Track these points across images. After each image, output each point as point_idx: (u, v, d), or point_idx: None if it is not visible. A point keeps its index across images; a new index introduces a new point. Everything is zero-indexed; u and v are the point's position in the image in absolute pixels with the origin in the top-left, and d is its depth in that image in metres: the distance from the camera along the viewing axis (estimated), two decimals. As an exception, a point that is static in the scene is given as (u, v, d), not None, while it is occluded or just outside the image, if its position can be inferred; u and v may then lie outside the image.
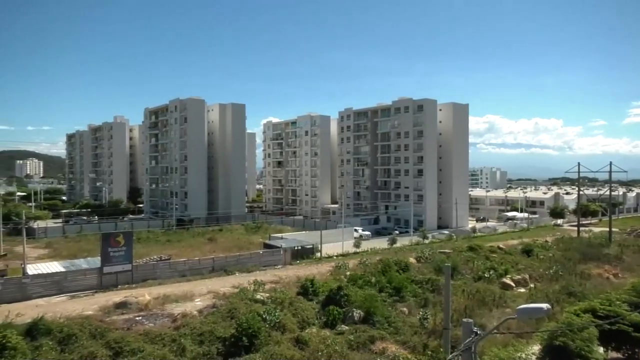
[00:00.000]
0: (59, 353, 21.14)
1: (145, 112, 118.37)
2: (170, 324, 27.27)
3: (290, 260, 51.43)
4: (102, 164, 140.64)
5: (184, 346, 23.01)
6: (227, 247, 61.17)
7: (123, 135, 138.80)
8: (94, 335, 23.44)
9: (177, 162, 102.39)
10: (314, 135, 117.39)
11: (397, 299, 35.09)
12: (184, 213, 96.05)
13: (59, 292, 37.50)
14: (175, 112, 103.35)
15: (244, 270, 45.83)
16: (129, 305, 31.46)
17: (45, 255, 56.27)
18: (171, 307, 31.64)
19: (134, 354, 21.40)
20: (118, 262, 40.52)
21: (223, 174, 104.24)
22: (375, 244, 63.67)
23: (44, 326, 23.19)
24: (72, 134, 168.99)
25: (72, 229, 79.86)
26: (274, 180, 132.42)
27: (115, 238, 41.52)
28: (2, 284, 35.89)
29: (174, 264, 45.20)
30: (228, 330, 25.22)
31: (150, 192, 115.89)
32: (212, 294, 35.39)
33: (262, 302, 31.00)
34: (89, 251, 53.87)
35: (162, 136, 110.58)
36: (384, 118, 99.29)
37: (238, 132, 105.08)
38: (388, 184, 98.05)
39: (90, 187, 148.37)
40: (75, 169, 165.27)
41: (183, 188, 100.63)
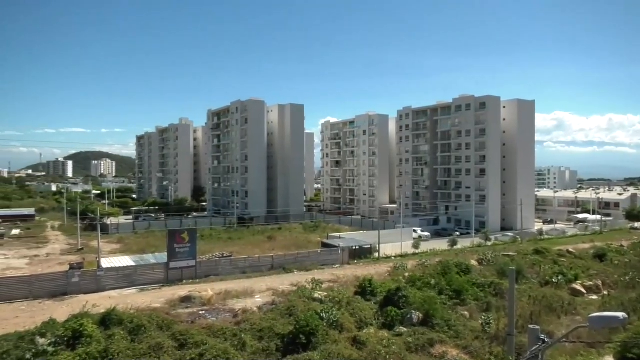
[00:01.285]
0: (129, 342, 22.33)
1: (208, 114, 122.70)
2: (232, 319, 28.08)
3: (348, 260, 51.42)
4: (169, 164, 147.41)
5: (245, 341, 23.59)
6: (286, 245, 62.15)
7: (188, 136, 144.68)
8: (161, 327, 24.57)
9: (238, 162, 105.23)
10: (372, 135, 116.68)
11: (457, 302, 34.14)
12: (244, 211, 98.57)
13: (129, 285, 39.69)
14: (236, 114, 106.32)
15: (303, 268, 46.34)
16: (193, 300, 32.74)
17: (117, 250, 59.79)
18: (232, 302, 32.59)
19: (197, 346, 22.21)
20: (183, 258, 42.31)
21: (282, 173, 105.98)
22: (435, 245, 62.32)
23: (116, 317, 24.60)
24: (141, 135, 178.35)
25: (141, 225, 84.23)
26: (332, 179, 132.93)
27: (181, 235, 43.37)
28: (80, 276, 38.57)
29: (235, 261, 46.55)
30: (287, 328, 25.60)
31: (212, 191, 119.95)
32: (271, 291, 36.08)
33: (320, 300, 31.20)
34: (157, 247, 56.57)
35: (224, 137, 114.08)
36: (444, 116, 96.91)
37: (297, 132, 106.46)
38: (448, 183, 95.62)
39: (158, 186, 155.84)
40: (144, 168, 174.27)
41: (244, 187, 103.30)
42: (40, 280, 37.58)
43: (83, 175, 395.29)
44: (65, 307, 32.01)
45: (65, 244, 65.40)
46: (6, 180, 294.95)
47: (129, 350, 21.18)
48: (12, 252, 57.89)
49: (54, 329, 22.71)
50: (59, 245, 64.56)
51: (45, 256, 56.10)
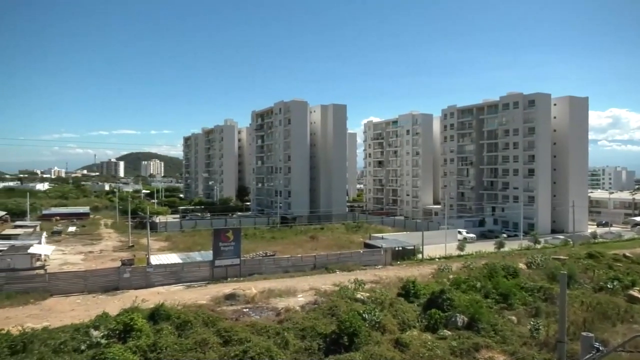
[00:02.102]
0: (176, 337, 23.02)
1: (252, 115, 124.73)
2: (274, 317, 28.42)
3: (391, 261, 50.98)
4: (214, 164, 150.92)
5: (287, 340, 23.81)
6: (328, 245, 62.29)
7: (232, 137, 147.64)
8: (206, 323, 25.19)
9: (282, 162, 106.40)
10: (415, 134, 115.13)
11: (504, 306, 33.09)
12: (287, 211, 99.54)
13: (176, 281, 40.95)
14: (279, 114, 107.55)
15: (345, 268, 46.30)
16: (237, 298, 33.38)
17: (165, 248, 61.80)
18: (275, 301, 32.99)
19: (241, 343, 22.60)
20: (228, 256, 43.23)
21: (325, 173, 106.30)
22: (481, 247, 60.76)
23: (164, 312, 25.42)
24: (188, 136, 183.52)
25: (188, 224, 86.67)
26: (375, 180, 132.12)
27: (226, 234, 44.34)
28: (130, 272, 40.17)
29: (278, 260, 47.10)
30: (329, 327, 25.64)
31: (256, 191, 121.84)
32: (313, 290, 36.25)
33: (362, 301, 31.07)
34: (202, 245, 58.04)
35: (268, 137, 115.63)
36: (491, 115, 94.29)
37: (339, 132, 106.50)
38: (495, 184, 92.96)
39: (204, 186, 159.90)
40: (191, 168, 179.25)
41: (287, 187, 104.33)
42: (94, 275, 39.45)
43: (134, 175, 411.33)
44: (117, 302, 33.39)
45: (117, 241, 68.25)
46: (64, 180, 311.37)
47: (176, 345, 21.83)
48: (69, 248, 60.98)
49: (107, 322, 23.73)
50: (112, 242, 67.45)
51: (99, 252, 58.76)
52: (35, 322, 27.04)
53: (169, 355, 20.80)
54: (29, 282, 37.04)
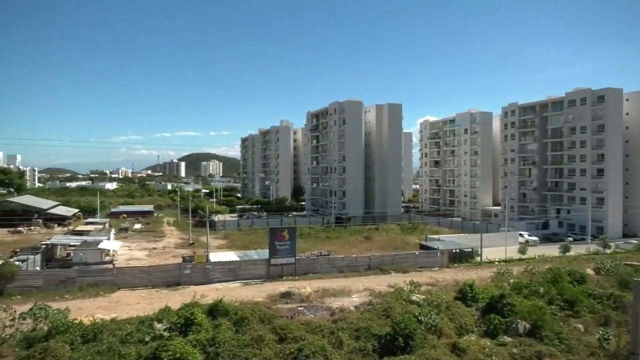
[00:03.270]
0: (234, 333, 23.64)
1: (307, 116, 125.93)
2: (329, 316, 28.52)
3: (448, 263, 49.79)
4: (270, 165, 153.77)
5: (342, 339, 23.82)
6: (383, 246, 61.75)
7: (288, 137, 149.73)
8: (262, 320, 25.69)
9: (336, 162, 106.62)
10: (473, 134, 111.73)
11: (569, 314, 31.41)
12: (342, 211, 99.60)
13: (234, 278, 42.08)
14: (334, 115, 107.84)
15: (400, 270, 45.72)
16: (292, 296, 33.81)
17: (223, 246, 63.63)
18: (330, 300, 33.11)
19: (296, 341, 22.87)
20: (283, 255, 43.89)
21: (380, 173, 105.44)
22: (544, 251, 58.02)
23: (223, 308, 26.18)
24: (245, 137, 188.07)
25: (245, 223, 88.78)
26: (431, 180, 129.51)
27: (281, 233, 45.03)
28: (191, 268, 41.73)
29: (332, 259, 47.23)
30: (384, 329, 25.41)
31: (311, 191, 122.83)
32: (368, 291, 36.06)
33: (417, 303, 30.54)
34: (259, 244, 59.24)
35: (322, 138, 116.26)
36: (555, 112, 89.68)
37: (394, 132, 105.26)
38: (560, 185, 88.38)
39: (260, 186, 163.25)
40: (248, 169, 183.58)
41: (341, 187, 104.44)
42: (157, 270, 41.32)
43: (194, 175, 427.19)
44: (178, 296, 34.77)
45: (179, 239, 71.07)
46: (130, 179, 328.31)
47: (233, 340, 22.41)
48: (135, 244, 64.20)
49: (169, 315, 24.76)
50: (173, 240, 70.33)
51: (162, 249, 61.44)
52: (104, 314, 28.71)
53: (226, 350, 21.39)
54: (99, 276, 39.38)
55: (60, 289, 36.94)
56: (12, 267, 36.84)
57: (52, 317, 23.32)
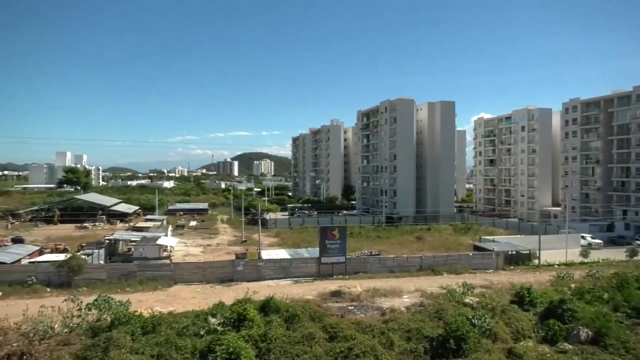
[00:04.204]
0: (285, 329, 23.96)
1: (357, 114, 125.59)
2: (379, 316, 28.30)
3: (503, 265, 48.14)
4: (321, 164, 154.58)
5: (392, 340, 23.57)
6: (435, 246, 60.57)
7: (338, 136, 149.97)
8: (313, 318, 25.87)
9: (387, 161, 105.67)
10: (531, 131, 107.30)
11: (638, 322, 29.46)
12: (392, 210, 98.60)
13: (285, 276, 42.64)
14: (385, 113, 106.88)
15: (452, 271, 44.71)
16: (343, 295, 33.83)
17: (274, 243, 64.61)
18: (380, 300, 32.88)
19: (346, 340, 22.85)
20: (333, 254, 44.00)
21: (431, 172, 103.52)
22: (608, 255, 54.79)
23: (274, 305, 26.60)
24: (296, 137, 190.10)
25: (296, 221, 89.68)
26: (486, 179, 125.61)
27: (332, 232, 45.16)
28: (244, 265, 42.70)
29: (383, 259, 46.86)
30: (435, 331, 24.92)
31: (361, 190, 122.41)
32: (419, 292, 35.52)
33: (471, 306, 29.72)
34: (309, 242, 59.66)
35: (373, 136, 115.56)
36: (622, 107, 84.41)
37: (447, 130, 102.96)
38: (627, 184, 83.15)
39: (311, 185, 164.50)
40: (299, 168, 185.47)
41: (392, 186, 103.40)
42: (212, 266, 42.59)
43: (246, 174, 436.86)
44: (232, 292, 35.66)
45: (232, 236, 72.86)
46: (186, 178, 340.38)
47: (284, 337, 22.72)
48: (190, 241, 66.45)
49: (223, 310, 25.46)
50: (227, 237, 72.18)
51: (216, 246, 63.23)
52: (162, 307, 29.93)
53: (278, 346, 21.72)
54: (158, 271, 41.10)
55: (122, 282, 38.92)
56: (79, 261, 39.17)
57: (114, 308, 24.57)
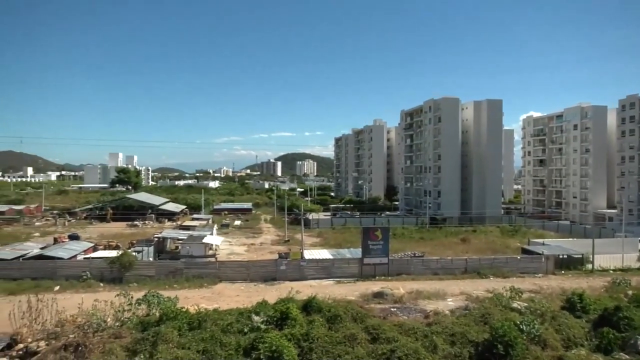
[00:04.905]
0: (327, 329, 23.98)
1: (401, 114, 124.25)
2: (422, 319, 27.85)
3: (553, 270, 46.28)
4: (363, 164, 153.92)
5: (436, 343, 23.13)
6: (481, 248, 59.05)
7: (381, 137, 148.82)
8: (355, 318, 25.76)
9: (431, 161, 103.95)
10: (584, 129, 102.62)
11: (702, 333, 27.58)
12: (436, 212, 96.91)
13: (327, 276, 42.72)
14: (429, 113, 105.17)
15: (499, 274, 43.44)
16: (385, 296, 33.53)
17: (317, 243, 64.88)
18: (423, 303, 32.37)
19: (389, 342, 22.62)
20: (376, 255, 43.69)
21: (477, 173, 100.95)
22: (671, 260, 51.65)
23: (316, 304, 26.68)
24: (338, 137, 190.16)
25: (338, 221, 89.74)
26: (535, 180, 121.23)
27: (374, 232, 44.87)
28: (286, 264, 43.12)
29: (426, 261, 46.10)
30: (481, 335, 24.25)
31: (405, 191, 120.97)
32: (464, 295, 34.73)
33: (518, 311, 28.72)
34: (352, 242, 59.52)
35: (417, 136, 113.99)
36: (685, 104, 79.39)
37: (494, 129, 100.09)
38: (690, 186, 78.10)
39: (353, 185, 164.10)
40: (341, 168, 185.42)
41: (436, 187, 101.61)
42: (255, 265, 43.30)
43: (289, 174, 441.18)
44: (274, 291, 36.08)
45: (275, 235, 73.74)
46: (231, 178, 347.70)
47: (326, 337, 22.74)
48: (235, 240, 67.78)
49: (266, 309, 25.79)
50: (270, 236, 73.12)
51: (259, 245, 64.19)
52: (207, 304, 30.68)
53: (320, 346, 21.77)
54: (204, 268, 42.18)
55: (170, 278, 40.21)
56: (130, 257, 40.80)
57: (163, 304, 25.37)
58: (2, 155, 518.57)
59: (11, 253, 44.17)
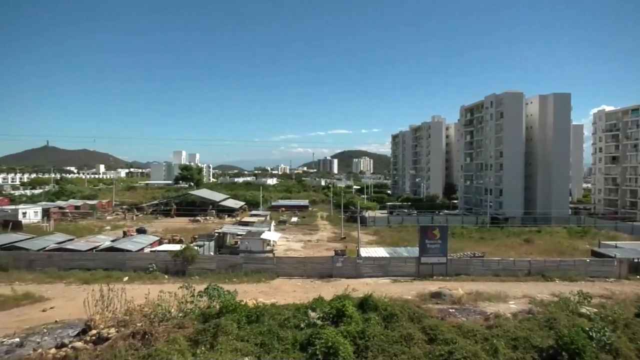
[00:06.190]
0: (383, 328, 23.81)
1: (460, 110, 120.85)
2: (482, 321, 26.99)
3: (627, 274, 43.33)
4: (421, 161, 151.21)
5: (497, 347, 22.33)
6: (546, 250, 56.35)
7: (440, 133, 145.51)
8: (411, 318, 25.38)
9: (492, 158, 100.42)
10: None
11: None
12: (498, 211, 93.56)
13: (383, 275, 42.40)
14: (490, 108, 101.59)
15: (566, 278, 41.28)
16: (443, 297, 32.80)
17: (373, 241, 64.52)
18: (483, 305, 31.38)
19: (446, 344, 22.10)
20: (434, 254, 42.84)
21: (543, 171, 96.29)
22: None
23: (373, 302, 26.54)
24: (396, 134, 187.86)
25: (395, 219, 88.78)
26: (607, 178, 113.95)
27: (432, 231, 43.99)
28: (342, 262, 43.21)
29: (487, 261, 44.61)
30: (546, 341, 23.15)
31: (464, 189, 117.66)
32: (527, 298, 33.35)
33: (587, 317, 27.14)
34: (409, 241, 58.72)
35: (477, 133, 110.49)
36: None
37: (561, 124, 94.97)
38: None
39: (410, 183, 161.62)
40: (398, 165, 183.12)
41: (498, 185, 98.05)
42: (312, 262, 43.71)
43: (346, 171, 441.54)
44: (330, 288, 36.30)
45: (331, 232, 74.09)
46: (288, 175, 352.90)
47: (382, 335, 22.57)
48: (292, 236, 68.74)
49: (322, 305, 25.97)
50: (326, 233, 73.55)
51: (316, 242, 64.72)
52: (265, 298, 31.35)
53: (376, 344, 21.65)
54: (262, 263, 43.15)
55: (229, 273, 41.49)
56: (192, 251, 42.49)
57: (223, 297, 26.18)
58: (77, 154, 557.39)
59: (86, 245, 47.35)
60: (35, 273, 40.67)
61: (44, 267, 41.91)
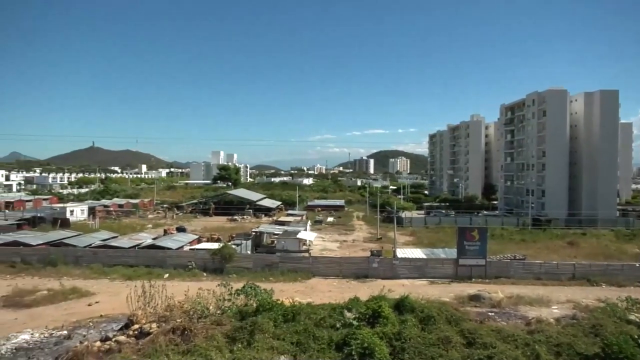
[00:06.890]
0: (419, 330, 23.51)
1: (500, 109, 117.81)
2: (523, 326, 26.23)
3: (681, 280, 41.14)
4: (459, 161, 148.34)
5: (538, 353, 21.64)
6: (591, 253, 54.18)
7: (479, 133, 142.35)
8: (449, 321, 24.94)
9: (534, 158, 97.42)
10: None
11: None
12: (540, 212, 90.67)
13: (420, 276, 41.88)
14: (532, 106, 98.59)
15: (613, 283, 39.65)
16: (482, 300, 32.12)
17: (409, 242, 63.82)
18: (524, 309, 30.55)
19: (485, 348, 21.60)
20: (472, 256, 41.96)
21: (588, 171, 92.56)
22: None
23: (409, 304, 26.24)
24: (433, 134, 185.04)
25: (432, 220, 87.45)
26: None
27: (471, 232, 43.12)
28: (378, 262, 42.96)
29: (528, 264, 43.34)
30: (591, 348, 22.25)
31: (504, 189, 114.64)
32: (571, 303, 32.22)
33: (637, 324, 25.92)
34: (446, 242, 57.75)
35: (518, 132, 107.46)
36: None
37: (608, 123, 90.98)
38: None
39: (448, 183, 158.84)
40: (436, 165, 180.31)
41: (540, 186, 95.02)
42: (347, 262, 43.68)
43: (382, 171, 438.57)
44: (366, 288, 36.14)
45: (367, 233, 73.76)
46: (324, 175, 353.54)
47: (419, 337, 22.28)
48: (327, 236, 68.86)
49: (358, 305, 25.90)
50: (362, 234, 73.28)
51: (352, 242, 64.60)
52: (301, 297, 31.55)
53: (412, 346, 21.39)
54: (298, 263, 43.44)
55: (266, 271, 42.00)
56: (230, 250, 43.25)
57: (260, 295, 26.53)
58: (121, 154, 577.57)
59: (129, 242, 49.03)
60: (82, 269, 42.46)
61: (89, 263, 43.68)
